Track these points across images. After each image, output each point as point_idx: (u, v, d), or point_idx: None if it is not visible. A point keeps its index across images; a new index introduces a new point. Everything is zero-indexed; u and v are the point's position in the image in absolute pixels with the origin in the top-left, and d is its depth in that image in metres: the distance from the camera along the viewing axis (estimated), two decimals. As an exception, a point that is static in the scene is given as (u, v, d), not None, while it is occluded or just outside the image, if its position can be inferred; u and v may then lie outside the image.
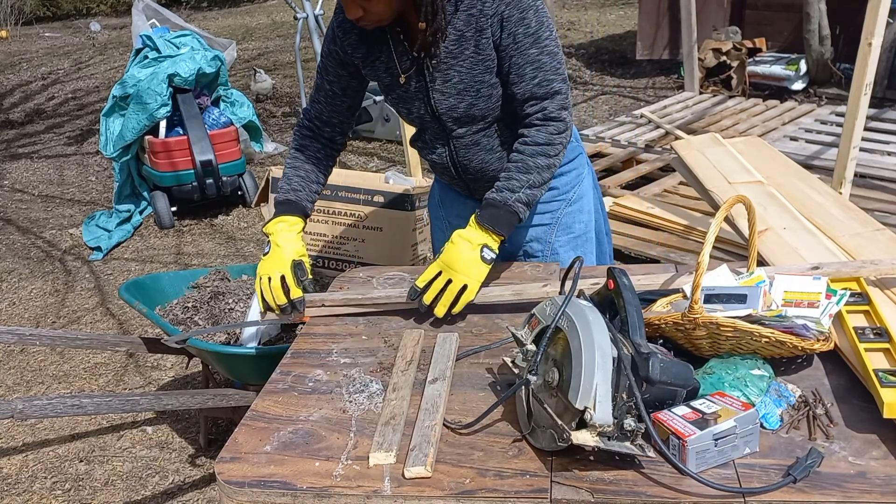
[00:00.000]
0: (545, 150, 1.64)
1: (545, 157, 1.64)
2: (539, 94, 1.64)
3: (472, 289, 1.60)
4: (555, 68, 1.63)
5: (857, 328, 1.39)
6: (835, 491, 1.10)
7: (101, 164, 5.95)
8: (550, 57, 1.63)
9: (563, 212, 1.94)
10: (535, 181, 1.63)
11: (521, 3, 1.59)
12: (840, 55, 6.11)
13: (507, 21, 1.59)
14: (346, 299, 1.72)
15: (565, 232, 1.94)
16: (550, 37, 1.63)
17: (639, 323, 1.26)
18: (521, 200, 1.63)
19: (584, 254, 1.96)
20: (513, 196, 1.62)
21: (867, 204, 3.77)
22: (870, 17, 3.19)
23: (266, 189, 2.83)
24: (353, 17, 1.59)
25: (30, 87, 8.65)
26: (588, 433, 1.12)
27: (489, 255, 1.61)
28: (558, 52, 1.65)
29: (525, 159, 1.64)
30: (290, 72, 8.20)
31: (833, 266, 1.59)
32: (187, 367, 3.09)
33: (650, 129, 5.25)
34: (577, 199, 1.95)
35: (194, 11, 13.64)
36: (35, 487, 2.59)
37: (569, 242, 1.95)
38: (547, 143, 1.64)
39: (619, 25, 9.42)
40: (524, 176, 1.63)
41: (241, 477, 1.21)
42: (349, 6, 1.58)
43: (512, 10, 1.59)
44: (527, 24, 1.59)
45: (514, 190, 1.62)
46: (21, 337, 2.16)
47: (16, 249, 4.58)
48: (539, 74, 1.62)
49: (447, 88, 1.70)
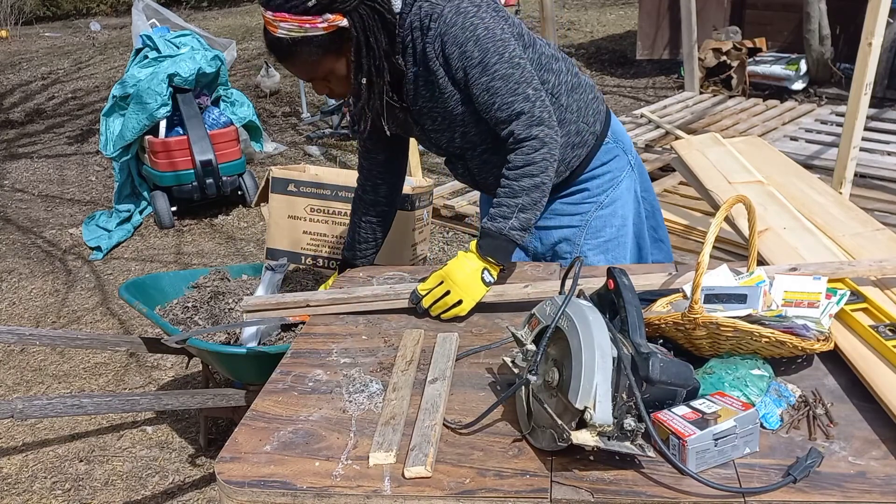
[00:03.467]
0: (527, 170, 1.65)
1: (529, 177, 1.65)
2: (502, 118, 1.66)
3: (465, 306, 1.65)
4: (511, 90, 1.63)
5: (873, 326, 1.39)
6: (835, 491, 1.10)
7: (102, 164, 5.95)
8: (504, 81, 1.63)
9: (594, 215, 1.93)
10: (525, 204, 1.65)
11: (458, 38, 1.61)
12: (840, 55, 6.10)
13: (450, 58, 1.64)
14: (332, 299, 1.73)
15: (594, 235, 1.94)
16: (500, 60, 1.62)
17: (639, 323, 1.26)
18: (516, 227, 1.65)
19: (616, 259, 1.96)
20: (507, 224, 1.65)
21: (867, 204, 3.77)
22: (870, 17, 3.19)
23: (266, 189, 2.83)
24: (320, 94, 1.72)
25: (30, 87, 8.65)
26: (588, 433, 1.12)
27: (489, 278, 1.67)
28: (514, 72, 1.63)
29: (511, 184, 1.66)
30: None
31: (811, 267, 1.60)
32: (187, 367, 3.09)
33: (650, 128, 5.25)
34: (609, 202, 1.94)
35: (194, 11, 13.64)
36: (35, 487, 2.59)
37: (598, 246, 1.94)
38: (526, 164, 1.65)
39: (619, 25, 9.42)
40: (513, 200, 1.65)
41: (241, 477, 1.21)
42: (316, 86, 1.71)
43: (452, 47, 1.62)
44: (468, 56, 1.62)
45: (506, 217, 1.66)
46: (21, 337, 2.16)
47: (16, 249, 4.58)
48: (496, 100, 1.64)
49: (437, 126, 1.79)
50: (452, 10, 1.61)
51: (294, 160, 5.74)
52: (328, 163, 5.67)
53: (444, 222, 4.46)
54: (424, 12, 1.62)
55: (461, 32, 1.60)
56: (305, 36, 1.56)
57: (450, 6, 1.61)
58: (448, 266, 1.67)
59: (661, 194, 4.04)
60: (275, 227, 2.73)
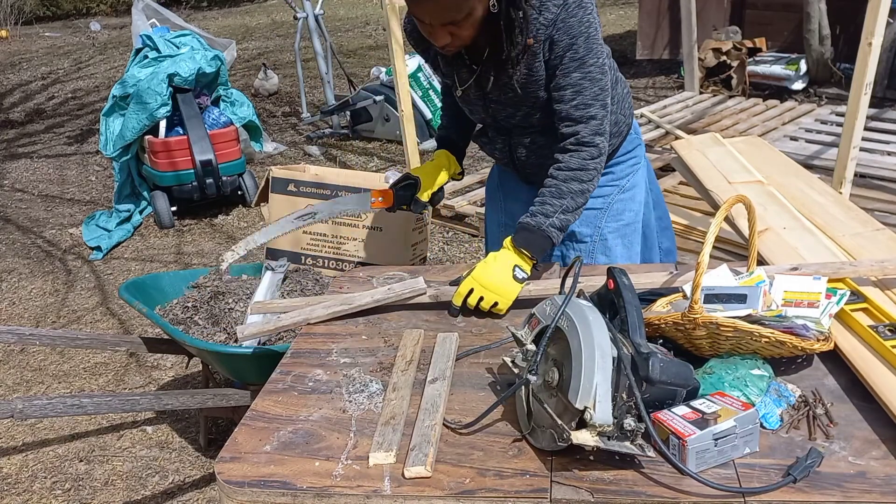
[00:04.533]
0: (578, 174, 1.67)
1: (578, 182, 1.67)
2: (575, 115, 1.68)
3: (501, 307, 1.65)
4: (595, 94, 1.67)
5: (872, 326, 1.40)
6: (835, 491, 1.10)
7: (101, 164, 5.95)
8: (592, 83, 1.66)
9: (616, 198, 1.96)
10: (568, 206, 1.67)
11: (572, 30, 1.62)
12: (840, 55, 6.10)
13: (557, 45, 1.63)
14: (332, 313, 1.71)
15: (615, 219, 1.96)
16: (597, 64, 1.65)
17: (639, 323, 1.26)
18: (555, 226, 1.67)
19: (631, 244, 1.99)
20: (547, 221, 1.66)
21: (867, 204, 3.77)
22: (870, 17, 3.19)
23: (266, 189, 2.83)
24: (440, 44, 1.63)
25: (30, 87, 8.65)
26: (588, 433, 1.12)
27: (521, 274, 1.65)
28: (602, 79, 1.67)
29: (559, 184, 1.68)
30: (290, 71, 8.20)
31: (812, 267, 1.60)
32: (187, 367, 3.09)
33: (650, 128, 5.26)
34: (630, 187, 1.98)
35: (194, 11, 13.65)
36: (35, 487, 2.59)
37: (618, 230, 1.96)
38: (580, 169, 1.68)
39: (619, 25, 9.43)
40: (558, 201, 1.67)
41: (241, 477, 1.21)
42: (438, 34, 1.61)
43: (562, 35, 1.62)
44: (575, 49, 1.63)
45: (548, 215, 1.67)
46: (21, 337, 2.16)
47: (16, 249, 4.58)
48: (577, 98, 1.66)
49: (504, 100, 1.77)
50: (576, 3, 1.61)
51: (294, 160, 5.74)
52: (328, 163, 5.67)
53: (444, 222, 4.46)
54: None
55: (577, 25, 1.61)
56: None
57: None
58: (475, 271, 1.66)
59: (661, 194, 4.05)
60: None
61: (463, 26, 1.59)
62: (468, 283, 1.65)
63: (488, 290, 1.64)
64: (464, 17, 1.57)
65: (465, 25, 1.59)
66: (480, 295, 1.64)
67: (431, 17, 1.58)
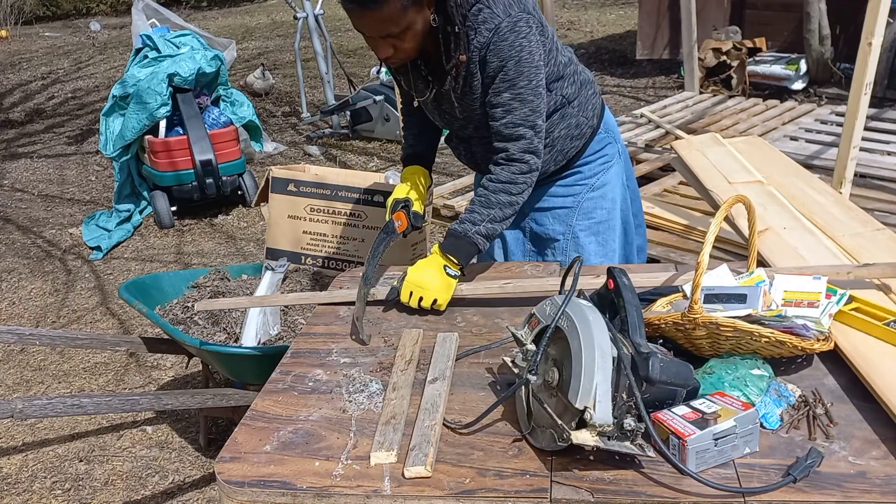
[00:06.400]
0: (507, 187, 1.75)
1: (507, 194, 1.75)
2: (504, 133, 1.75)
3: (441, 301, 1.71)
4: (524, 115, 1.72)
5: (886, 323, 1.40)
6: (835, 491, 1.10)
7: (101, 164, 5.95)
8: (522, 104, 1.71)
9: (585, 196, 2.01)
10: (495, 216, 1.75)
11: (502, 53, 1.66)
12: (840, 55, 6.10)
13: (488, 66, 1.69)
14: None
15: (586, 217, 2.01)
16: (528, 85, 1.70)
17: (639, 323, 1.26)
18: (481, 233, 1.75)
19: (606, 241, 2.03)
20: (473, 228, 1.74)
21: (867, 204, 3.77)
22: (870, 17, 3.19)
23: (266, 189, 2.83)
24: (382, 56, 1.68)
25: (30, 87, 8.65)
26: (588, 433, 1.12)
27: (452, 271, 1.73)
28: (533, 101, 1.72)
29: (488, 195, 1.76)
30: (290, 71, 8.20)
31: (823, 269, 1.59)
32: (187, 367, 3.09)
33: (650, 128, 5.25)
34: (600, 185, 2.02)
35: (194, 11, 13.64)
36: (35, 487, 2.59)
37: (589, 228, 2.01)
38: (509, 182, 1.75)
39: (619, 25, 9.43)
40: (486, 210, 1.75)
41: (241, 477, 1.21)
42: (380, 47, 1.67)
43: (493, 57, 1.68)
44: (505, 71, 1.68)
45: (475, 223, 1.75)
46: (21, 337, 2.16)
47: (16, 249, 4.58)
48: (507, 117, 1.73)
49: (455, 112, 1.83)
50: (508, 28, 1.65)
51: (294, 160, 5.74)
52: (328, 163, 5.67)
53: (443, 222, 4.45)
54: (483, 17, 1.65)
55: (508, 49, 1.66)
56: None
57: (507, 21, 1.65)
58: (408, 275, 1.73)
59: (661, 194, 4.04)
60: (275, 227, 2.73)
61: (404, 39, 1.64)
62: (406, 286, 1.72)
63: (425, 290, 1.70)
64: (403, 31, 1.62)
65: (405, 38, 1.64)
66: (420, 295, 1.70)
67: (370, 29, 1.63)
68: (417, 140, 2.03)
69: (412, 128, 2.04)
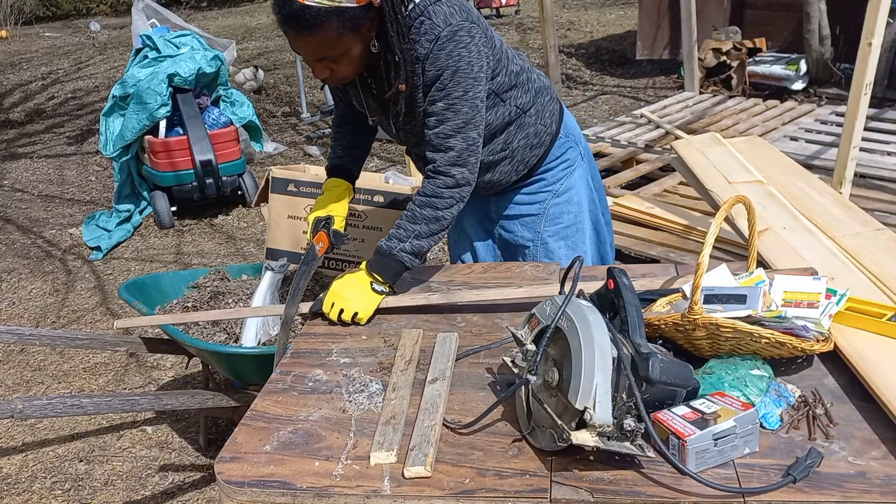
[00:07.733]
0: (433, 201, 1.72)
1: (432, 208, 1.72)
2: (434, 143, 1.72)
3: (362, 315, 1.70)
4: (457, 126, 1.69)
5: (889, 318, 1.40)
6: (834, 491, 1.10)
7: (101, 164, 5.95)
8: (455, 114, 1.69)
9: (551, 203, 2.01)
10: (422, 231, 1.72)
11: (439, 62, 1.65)
12: (840, 55, 6.10)
13: (426, 75, 1.68)
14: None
15: (553, 222, 2.01)
16: (464, 97, 1.68)
17: (639, 323, 1.26)
18: (407, 251, 1.72)
19: (576, 244, 2.04)
20: (399, 245, 1.72)
21: (867, 204, 3.76)
22: (870, 17, 3.19)
23: (266, 189, 2.83)
24: (320, 77, 1.68)
25: (30, 87, 8.65)
26: (588, 433, 1.12)
27: (379, 287, 1.72)
28: (469, 113, 1.69)
29: (415, 209, 1.73)
30: (290, 71, 8.20)
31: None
32: (187, 367, 3.09)
33: (650, 128, 5.25)
34: (564, 190, 2.02)
35: (194, 11, 13.65)
36: (35, 487, 2.59)
37: (558, 233, 2.02)
38: (434, 196, 1.72)
39: (619, 25, 9.43)
40: (412, 226, 1.72)
41: (240, 477, 1.21)
42: (317, 68, 1.66)
43: (430, 66, 1.66)
44: (441, 80, 1.67)
45: (401, 239, 1.72)
46: (21, 337, 2.16)
47: (16, 249, 4.58)
48: (439, 127, 1.70)
49: (407, 127, 1.82)
50: (448, 37, 1.63)
51: (294, 160, 5.74)
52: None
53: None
54: (424, 29, 1.64)
55: (446, 59, 1.64)
56: (339, 7, 1.53)
57: (447, 31, 1.63)
58: (333, 287, 1.72)
59: (661, 194, 4.04)
60: (275, 227, 2.73)
61: (340, 63, 1.64)
62: (329, 296, 1.72)
63: (347, 302, 1.69)
64: (339, 55, 1.62)
65: (342, 62, 1.64)
66: (341, 307, 1.69)
67: (305, 53, 1.63)
68: (346, 152, 2.01)
69: (341, 139, 2.02)
